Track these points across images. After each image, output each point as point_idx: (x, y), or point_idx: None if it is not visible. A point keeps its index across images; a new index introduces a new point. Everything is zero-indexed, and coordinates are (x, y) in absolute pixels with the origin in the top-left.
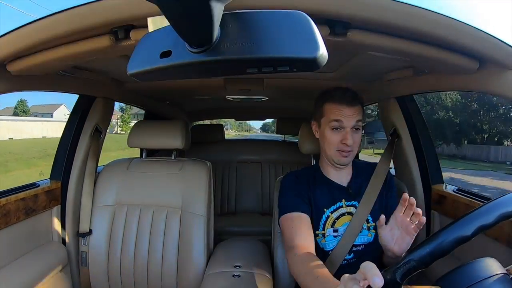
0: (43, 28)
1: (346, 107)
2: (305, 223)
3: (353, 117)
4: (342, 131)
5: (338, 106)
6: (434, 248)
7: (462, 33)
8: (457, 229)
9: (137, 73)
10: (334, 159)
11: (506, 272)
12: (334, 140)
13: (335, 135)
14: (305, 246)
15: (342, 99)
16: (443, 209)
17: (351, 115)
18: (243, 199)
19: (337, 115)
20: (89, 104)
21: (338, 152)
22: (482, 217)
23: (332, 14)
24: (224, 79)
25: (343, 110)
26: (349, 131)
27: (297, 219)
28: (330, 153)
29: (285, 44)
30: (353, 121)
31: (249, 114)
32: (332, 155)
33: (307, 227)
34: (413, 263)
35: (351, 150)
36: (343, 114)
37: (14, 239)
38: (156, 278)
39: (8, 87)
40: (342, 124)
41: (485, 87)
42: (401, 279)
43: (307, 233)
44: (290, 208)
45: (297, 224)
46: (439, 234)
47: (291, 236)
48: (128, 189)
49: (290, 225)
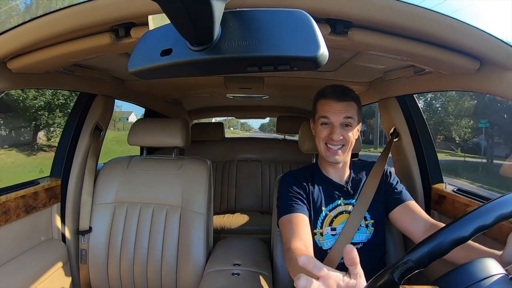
0: (43, 26)
1: (335, 102)
2: (302, 223)
3: (342, 112)
4: (329, 126)
5: (327, 102)
6: (432, 248)
7: (462, 33)
8: (456, 230)
9: (137, 71)
10: (324, 156)
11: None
12: (322, 135)
13: (324, 130)
14: (302, 247)
15: (331, 94)
16: (443, 209)
17: (339, 111)
18: (243, 197)
19: (325, 110)
20: (90, 102)
21: (326, 148)
22: (481, 218)
23: (333, 13)
24: (225, 77)
25: (331, 105)
26: (337, 126)
27: (295, 220)
28: (320, 149)
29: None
30: (341, 116)
31: (249, 112)
32: (322, 151)
33: (305, 227)
34: (411, 263)
35: (339, 147)
36: (331, 109)
37: (14, 236)
38: (155, 275)
39: (8, 85)
40: (329, 119)
41: (486, 87)
42: (399, 279)
43: (304, 233)
44: (288, 210)
45: (294, 226)
46: (438, 234)
47: (288, 238)
48: (128, 187)
49: (288, 227)
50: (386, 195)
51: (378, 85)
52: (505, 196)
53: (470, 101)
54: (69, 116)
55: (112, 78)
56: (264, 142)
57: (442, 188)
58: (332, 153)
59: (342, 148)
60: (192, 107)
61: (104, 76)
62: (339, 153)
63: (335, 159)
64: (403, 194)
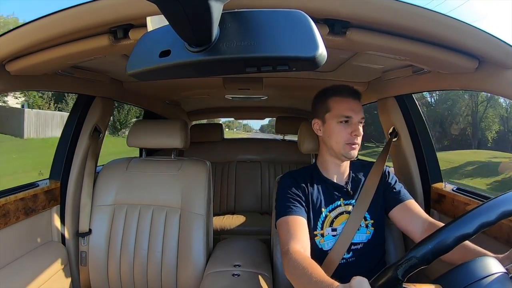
0: (41, 28)
1: (352, 100)
2: (300, 225)
3: (360, 111)
4: (351, 124)
5: (345, 100)
6: (436, 245)
7: (461, 32)
8: (459, 227)
9: (136, 72)
10: (343, 153)
11: (506, 271)
12: (343, 133)
13: (344, 128)
14: (299, 249)
15: (347, 92)
16: (442, 208)
17: (358, 109)
18: (242, 198)
19: (345, 108)
20: (88, 104)
21: (348, 146)
22: (485, 215)
23: (331, 13)
24: (223, 78)
25: (350, 103)
26: (357, 123)
27: (292, 222)
28: (338, 147)
29: (284, 43)
30: (359, 113)
31: (248, 113)
32: (340, 149)
33: (303, 229)
34: (415, 260)
35: (358, 144)
36: (351, 107)
37: (13, 239)
38: (155, 277)
39: (6, 87)
40: (351, 116)
41: (484, 86)
42: (402, 276)
43: (302, 235)
44: (285, 212)
45: (292, 228)
46: (441, 231)
47: (286, 240)
48: (127, 188)
49: (286, 229)
50: (385, 194)
51: (376, 85)
52: (508, 193)
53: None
54: (68, 118)
55: (111, 80)
56: (263, 142)
57: (442, 187)
58: (354, 148)
59: (359, 145)
60: (191, 108)
61: (102, 78)
62: (357, 147)
63: (354, 154)
64: (401, 193)
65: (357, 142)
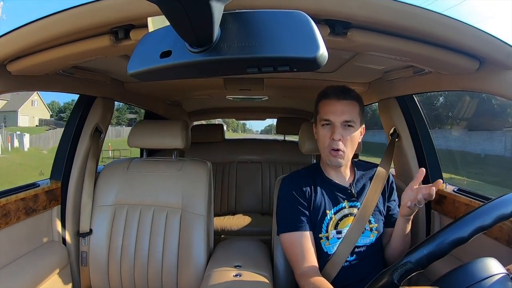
0: (42, 28)
1: (336, 101)
2: (308, 243)
3: (343, 112)
4: (331, 128)
5: (328, 101)
6: (432, 250)
7: (462, 32)
8: (455, 231)
9: (137, 73)
10: (326, 160)
11: (506, 271)
12: (325, 138)
13: (325, 130)
14: (313, 269)
15: (332, 94)
16: (443, 209)
17: (340, 110)
18: (243, 199)
19: (326, 110)
20: (89, 104)
21: (331, 152)
22: (480, 218)
23: (332, 13)
24: (224, 79)
25: (332, 105)
26: (338, 126)
27: (300, 241)
28: (324, 153)
29: (285, 43)
30: (342, 116)
31: (249, 114)
32: (325, 156)
33: (311, 247)
34: (410, 265)
35: (341, 150)
36: (332, 109)
37: (14, 239)
38: (156, 278)
39: (8, 87)
40: (330, 119)
41: (485, 87)
42: (398, 281)
43: (311, 255)
44: (291, 227)
45: (300, 247)
46: (437, 236)
47: (297, 261)
48: (128, 189)
49: (294, 248)
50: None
51: (377, 86)
52: (504, 196)
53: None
54: (69, 118)
55: (112, 80)
56: (264, 143)
57: (443, 188)
58: (334, 155)
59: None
60: (192, 109)
61: (103, 78)
62: (340, 154)
63: (338, 163)
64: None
65: (340, 148)
